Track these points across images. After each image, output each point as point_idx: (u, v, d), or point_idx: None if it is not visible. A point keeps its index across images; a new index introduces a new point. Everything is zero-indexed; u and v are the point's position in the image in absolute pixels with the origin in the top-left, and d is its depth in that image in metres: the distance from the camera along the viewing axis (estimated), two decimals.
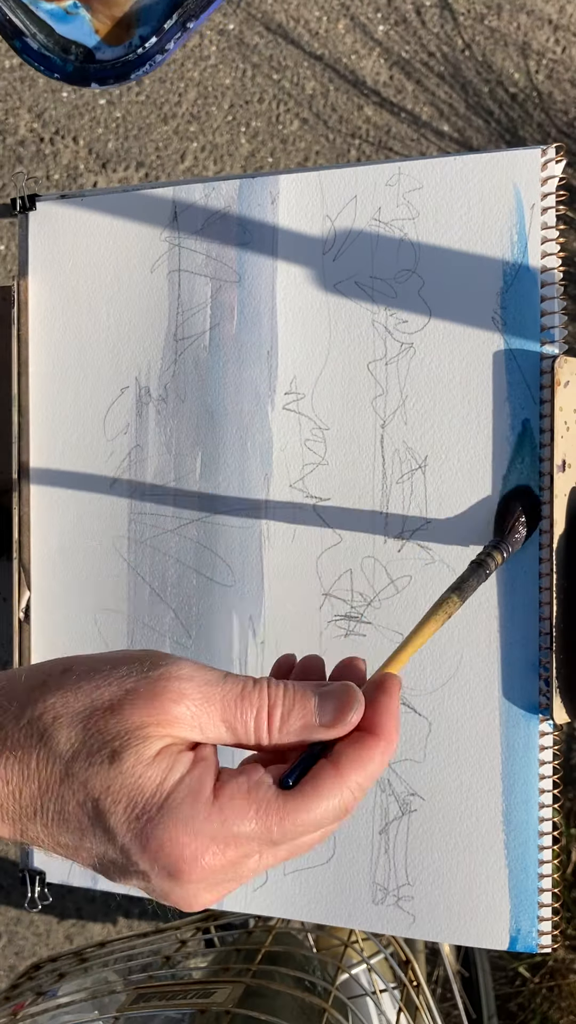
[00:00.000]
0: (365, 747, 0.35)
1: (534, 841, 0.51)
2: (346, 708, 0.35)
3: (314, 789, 0.33)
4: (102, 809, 0.32)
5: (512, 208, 0.52)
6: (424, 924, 0.53)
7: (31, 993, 0.60)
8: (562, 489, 0.51)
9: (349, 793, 0.34)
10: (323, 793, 0.33)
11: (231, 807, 0.32)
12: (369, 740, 0.35)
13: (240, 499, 0.58)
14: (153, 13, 0.41)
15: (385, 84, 1.44)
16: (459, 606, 0.43)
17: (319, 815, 0.33)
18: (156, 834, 0.32)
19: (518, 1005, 1.33)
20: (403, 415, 0.54)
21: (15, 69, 1.52)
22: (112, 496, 0.61)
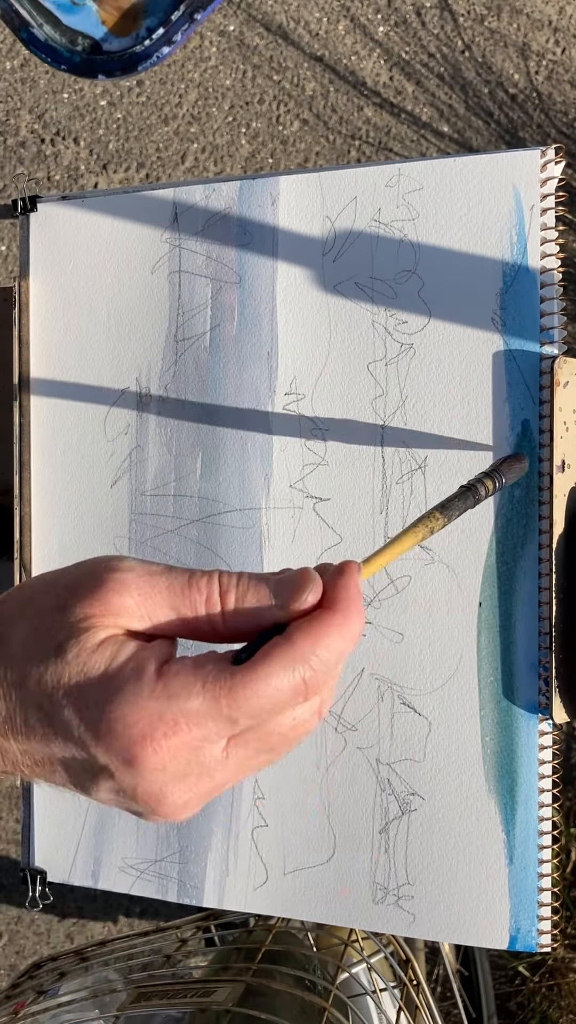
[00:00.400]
0: (320, 620, 0.33)
1: (534, 840, 0.51)
2: (302, 587, 0.33)
3: (264, 660, 0.32)
4: (55, 703, 0.32)
5: (512, 209, 0.52)
6: (424, 923, 0.54)
7: (32, 992, 0.61)
8: (561, 489, 0.51)
9: (306, 667, 0.32)
10: (274, 663, 0.32)
11: (176, 682, 0.32)
12: (324, 614, 0.33)
13: (240, 499, 0.58)
14: (160, 4, 0.41)
15: (385, 85, 1.44)
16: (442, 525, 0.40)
17: (273, 687, 0.31)
18: (104, 718, 0.31)
19: (518, 1004, 1.33)
20: (403, 415, 0.54)
21: (16, 70, 1.52)
22: (113, 496, 0.61)
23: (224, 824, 0.58)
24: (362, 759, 0.55)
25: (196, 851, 0.59)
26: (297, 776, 0.56)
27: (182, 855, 0.59)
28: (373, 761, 0.54)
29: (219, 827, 0.58)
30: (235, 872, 0.58)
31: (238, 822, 0.58)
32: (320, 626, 0.33)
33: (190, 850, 0.59)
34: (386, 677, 0.54)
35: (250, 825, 0.57)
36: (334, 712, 0.55)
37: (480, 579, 0.52)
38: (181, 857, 0.59)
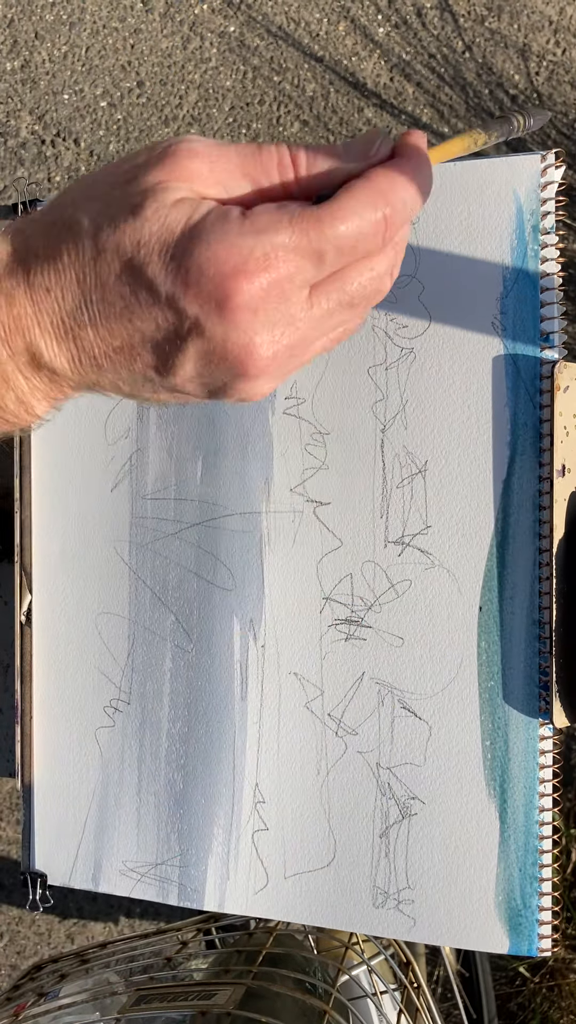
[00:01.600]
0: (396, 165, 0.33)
1: (534, 843, 0.51)
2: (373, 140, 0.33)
3: (347, 194, 0.32)
4: (138, 265, 0.31)
5: (512, 213, 0.52)
6: (424, 927, 0.54)
7: (33, 994, 0.61)
8: (562, 494, 0.51)
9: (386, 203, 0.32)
10: (357, 197, 0.32)
11: (263, 219, 0.31)
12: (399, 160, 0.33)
13: (240, 503, 0.58)
14: None
15: (386, 86, 1.44)
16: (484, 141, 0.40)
17: (358, 218, 0.31)
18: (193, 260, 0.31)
19: (518, 1005, 1.33)
20: (403, 420, 0.54)
21: (16, 71, 1.52)
22: (113, 500, 0.61)
23: (225, 828, 0.58)
24: (362, 763, 0.55)
25: (197, 854, 0.59)
26: (298, 780, 0.56)
27: (183, 858, 0.59)
28: (373, 765, 0.55)
29: (220, 830, 0.58)
30: (236, 876, 0.58)
31: (239, 826, 0.58)
32: (397, 169, 0.33)
33: (191, 853, 0.59)
34: (386, 681, 0.54)
35: (251, 829, 0.57)
36: (334, 716, 0.55)
37: (480, 583, 0.53)
38: (182, 860, 0.59)
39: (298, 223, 0.31)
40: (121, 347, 0.33)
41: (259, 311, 0.32)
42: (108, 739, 0.61)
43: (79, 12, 1.51)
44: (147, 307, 0.32)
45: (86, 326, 0.33)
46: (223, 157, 0.33)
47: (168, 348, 0.33)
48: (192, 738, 0.59)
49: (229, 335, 0.32)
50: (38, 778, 0.63)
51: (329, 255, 0.32)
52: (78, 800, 0.62)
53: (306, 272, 0.32)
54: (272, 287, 0.31)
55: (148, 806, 0.60)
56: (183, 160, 0.32)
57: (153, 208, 0.31)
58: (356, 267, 0.33)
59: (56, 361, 0.34)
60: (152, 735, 0.60)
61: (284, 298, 0.32)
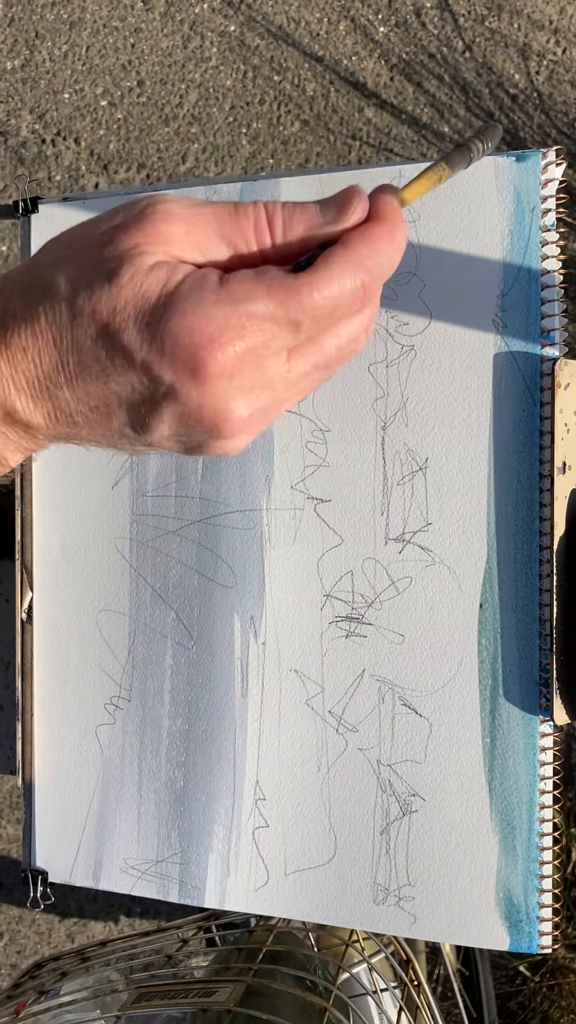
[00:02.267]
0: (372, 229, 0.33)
1: (535, 841, 0.51)
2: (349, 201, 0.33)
3: (326, 265, 0.32)
4: (114, 331, 0.32)
5: (512, 211, 0.52)
6: (425, 924, 0.54)
7: (33, 992, 0.61)
8: (562, 491, 0.51)
9: (364, 271, 0.32)
10: (335, 266, 0.32)
11: (240, 288, 0.31)
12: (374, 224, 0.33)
13: (241, 500, 0.58)
14: None
15: (386, 86, 1.44)
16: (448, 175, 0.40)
17: (336, 288, 0.32)
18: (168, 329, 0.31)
19: (518, 1004, 1.33)
20: (404, 417, 0.54)
21: (17, 70, 1.52)
22: (114, 497, 0.61)
23: (225, 825, 0.58)
24: (363, 760, 0.55)
25: (197, 852, 0.59)
26: (298, 777, 0.56)
27: (183, 856, 0.59)
28: (374, 762, 0.55)
29: (220, 828, 0.58)
30: (236, 873, 0.58)
31: (239, 823, 0.58)
32: (373, 234, 0.33)
33: (191, 851, 0.59)
34: (387, 678, 0.54)
35: (251, 826, 0.58)
36: (335, 713, 0.56)
37: (481, 581, 0.53)
38: (182, 858, 0.59)
39: (275, 293, 0.31)
40: (97, 406, 0.33)
41: (234, 378, 0.32)
42: (109, 736, 0.61)
43: (80, 11, 1.51)
44: (122, 371, 0.32)
45: (62, 386, 0.33)
46: (199, 219, 0.33)
47: (144, 410, 0.33)
48: (193, 735, 0.59)
49: (204, 401, 0.32)
50: (39, 775, 0.63)
51: (305, 324, 0.32)
52: (79, 797, 0.62)
53: (283, 339, 0.32)
54: (247, 354, 0.32)
55: (149, 803, 0.60)
56: (159, 223, 0.32)
57: (129, 274, 0.32)
58: (333, 331, 0.34)
59: (32, 417, 0.34)
60: (153, 732, 0.60)
61: (259, 364, 0.32)
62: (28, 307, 0.33)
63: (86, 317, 0.32)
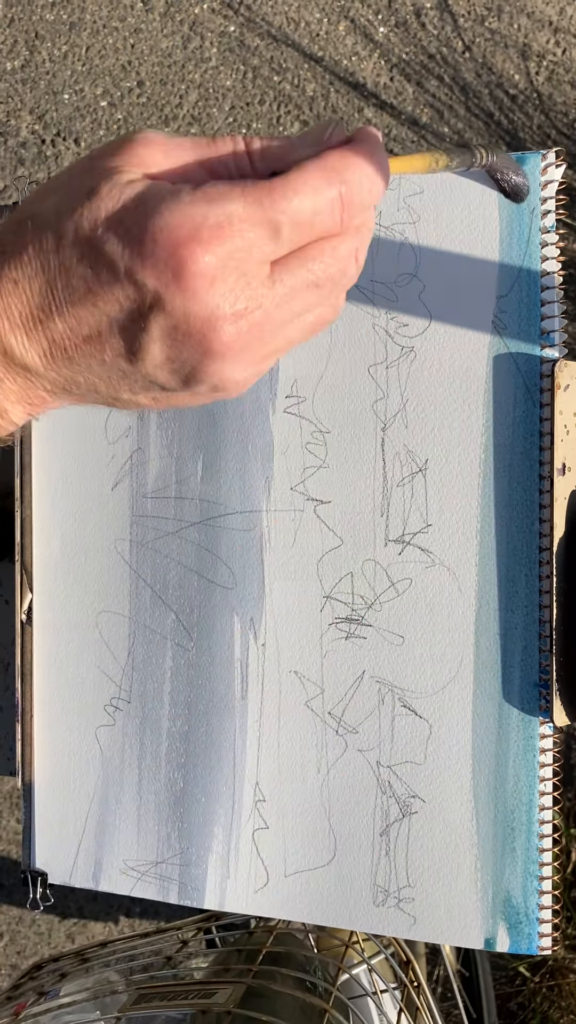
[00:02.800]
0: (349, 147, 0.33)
1: (534, 842, 0.51)
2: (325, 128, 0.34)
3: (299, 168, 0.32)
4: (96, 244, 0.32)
5: (512, 212, 0.52)
6: (425, 925, 0.54)
7: (33, 993, 0.61)
8: (562, 492, 0.51)
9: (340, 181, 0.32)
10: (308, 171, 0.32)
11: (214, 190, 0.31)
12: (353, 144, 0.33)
13: (241, 502, 0.58)
14: None
15: (385, 86, 1.44)
16: (444, 164, 0.41)
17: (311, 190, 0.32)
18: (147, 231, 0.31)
19: (518, 1004, 1.33)
20: (404, 418, 0.54)
21: (17, 71, 1.52)
22: (114, 499, 0.61)
23: (225, 826, 0.58)
24: (363, 762, 0.55)
25: (197, 853, 0.59)
26: (298, 779, 0.56)
27: (183, 857, 0.59)
28: (374, 763, 0.55)
29: (220, 829, 0.58)
30: (236, 874, 0.58)
31: (239, 824, 0.58)
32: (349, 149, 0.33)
33: (191, 852, 0.59)
34: (387, 680, 0.54)
35: (251, 827, 0.58)
36: (334, 715, 0.56)
37: (481, 582, 0.53)
38: (182, 859, 0.59)
39: (251, 192, 0.31)
40: (90, 335, 0.33)
41: (216, 280, 0.31)
42: (108, 738, 0.61)
43: (79, 12, 1.51)
44: (108, 286, 0.32)
45: (54, 315, 0.33)
46: (178, 146, 0.33)
47: (133, 329, 0.33)
48: (192, 737, 0.59)
49: (188, 307, 0.32)
50: (38, 777, 0.63)
51: (285, 228, 0.32)
52: (78, 799, 0.62)
53: (263, 245, 0.32)
54: (229, 257, 0.31)
55: (148, 805, 0.60)
56: (138, 147, 0.33)
57: (107, 188, 0.32)
58: (317, 246, 0.33)
59: (28, 356, 0.34)
60: (152, 734, 0.60)
61: (242, 271, 0.32)
62: (16, 240, 0.33)
63: (69, 236, 0.32)
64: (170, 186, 0.32)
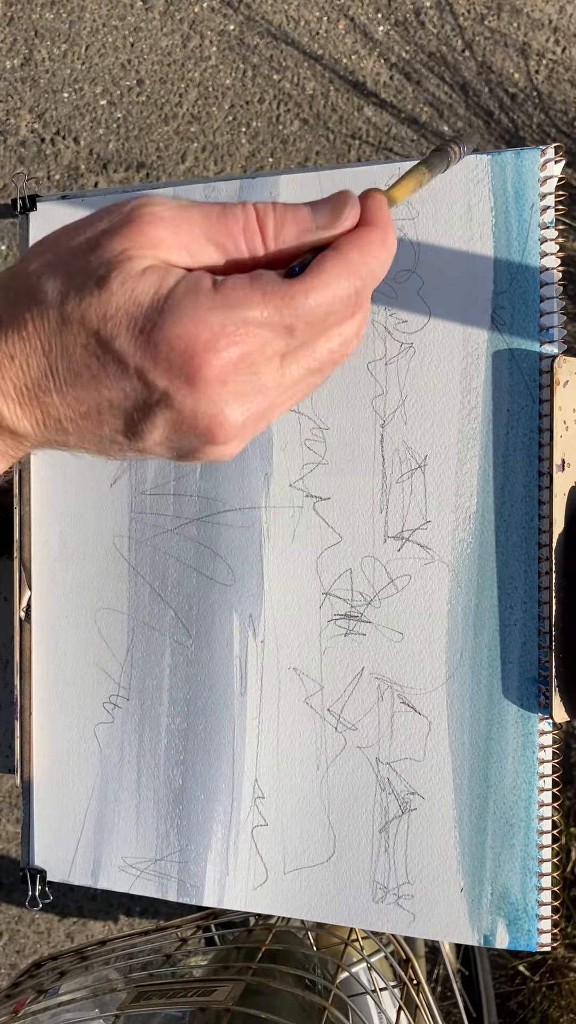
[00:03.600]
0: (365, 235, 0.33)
1: (534, 840, 0.51)
2: (342, 205, 0.33)
3: (319, 269, 0.32)
4: (105, 338, 0.31)
5: (512, 208, 0.52)
6: (424, 922, 0.54)
7: (32, 991, 0.61)
8: (561, 488, 0.51)
9: (357, 277, 0.32)
10: (329, 272, 0.32)
11: (235, 294, 0.31)
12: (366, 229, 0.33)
13: (240, 498, 0.58)
14: None
15: (385, 85, 1.44)
16: (428, 179, 0.41)
17: (331, 294, 0.32)
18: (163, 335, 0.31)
19: (518, 1003, 1.33)
20: (403, 415, 0.54)
21: (16, 69, 1.52)
22: (113, 495, 0.61)
23: (224, 823, 0.58)
24: (362, 758, 0.55)
25: (196, 850, 0.59)
26: (297, 775, 0.56)
27: (182, 854, 0.59)
28: (373, 760, 0.55)
29: (219, 826, 0.58)
30: (235, 871, 0.58)
31: (238, 821, 0.58)
32: (366, 238, 0.33)
33: (190, 849, 0.59)
34: (386, 676, 0.54)
35: (250, 824, 0.57)
36: (334, 711, 0.55)
37: (480, 578, 0.52)
38: (181, 856, 0.59)
39: (271, 299, 0.31)
40: (88, 413, 0.33)
41: (229, 383, 0.32)
42: (107, 735, 0.61)
43: (79, 10, 1.51)
44: (115, 378, 0.32)
45: (52, 393, 0.33)
46: (187, 222, 0.32)
47: (136, 416, 0.33)
48: (191, 734, 0.59)
49: (199, 407, 0.32)
50: (37, 774, 0.63)
51: (300, 329, 0.32)
52: (77, 796, 0.62)
53: (276, 345, 0.32)
54: (242, 360, 0.31)
55: (147, 802, 0.60)
56: (146, 227, 0.32)
57: (119, 280, 0.31)
58: (326, 336, 0.34)
59: (19, 424, 0.34)
60: (151, 731, 0.60)
61: (254, 370, 0.32)
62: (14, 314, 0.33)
63: (75, 324, 0.32)
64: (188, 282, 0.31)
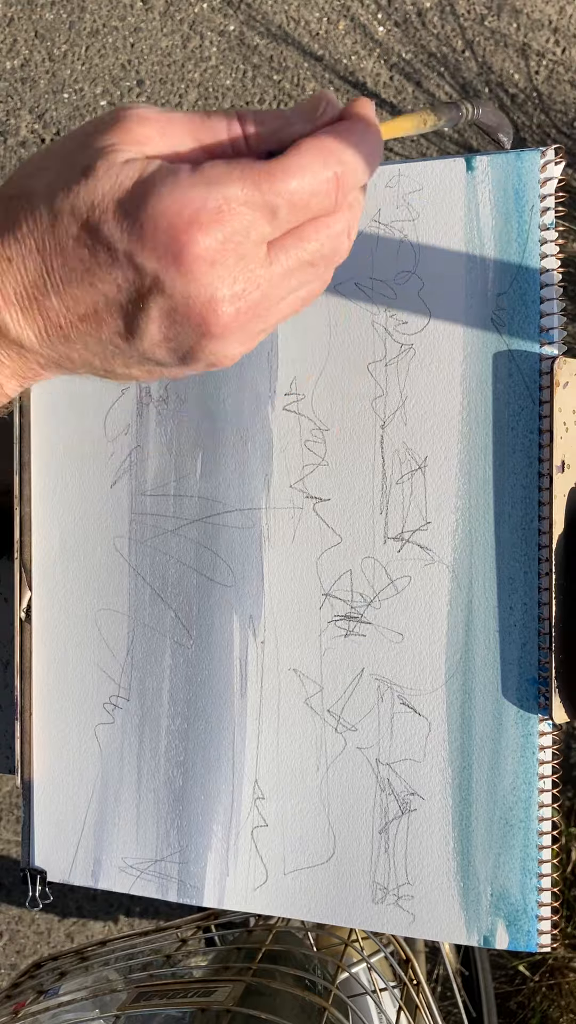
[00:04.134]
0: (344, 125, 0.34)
1: (534, 840, 0.51)
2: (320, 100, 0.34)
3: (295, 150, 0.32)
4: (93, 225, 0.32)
5: (512, 209, 0.52)
6: (424, 923, 0.54)
7: (32, 991, 0.61)
8: (561, 490, 0.51)
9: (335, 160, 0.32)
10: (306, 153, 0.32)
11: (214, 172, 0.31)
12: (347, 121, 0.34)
13: (240, 499, 0.58)
14: None
15: (385, 85, 1.44)
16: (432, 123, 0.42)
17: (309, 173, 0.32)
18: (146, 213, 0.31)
19: (518, 1003, 1.33)
20: (403, 416, 0.54)
21: (16, 70, 1.52)
22: (113, 496, 0.61)
23: (224, 824, 0.58)
24: (362, 759, 0.55)
25: (196, 851, 0.59)
26: (297, 776, 0.56)
27: (182, 855, 0.59)
28: (373, 761, 0.55)
29: (219, 827, 0.58)
30: (235, 872, 0.58)
31: (238, 822, 0.58)
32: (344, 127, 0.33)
33: (190, 850, 0.59)
34: (386, 677, 0.54)
35: (250, 825, 0.57)
36: (333, 712, 0.55)
37: (480, 579, 0.53)
38: (181, 857, 0.59)
39: (249, 176, 0.32)
40: (86, 314, 0.33)
41: (216, 264, 0.32)
42: (107, 736, 0.61)
43: (79, 11, 1.51)
44: (107, 267, 0.32)
45: (50, 294, 0.33)
46: (173, 122, 0.33)
47: (131, 309, 0.33)
48: (191, 734, 0.59)
49: (189, 290, 0.32)
50: (38, 775, 0.63)
51: (282, 210, 0.32)
52: (77, 797, 0.62)
53: (261, 227, 0.32)
54: (228, 240, 0.32)
55: (147, 802, 0.60)
56: (133, 125, 0.33)
57: (104, 167, 0.32)
58: (312, 225, 0.34)
59: (23, 334, 0.34)
60: (151, 731, 0.60)
61: (241, 253, 0.32)
62: (8, 217, 0.33)
63: (65, 216, 0.32)
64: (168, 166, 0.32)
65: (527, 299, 0.51)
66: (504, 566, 0.52)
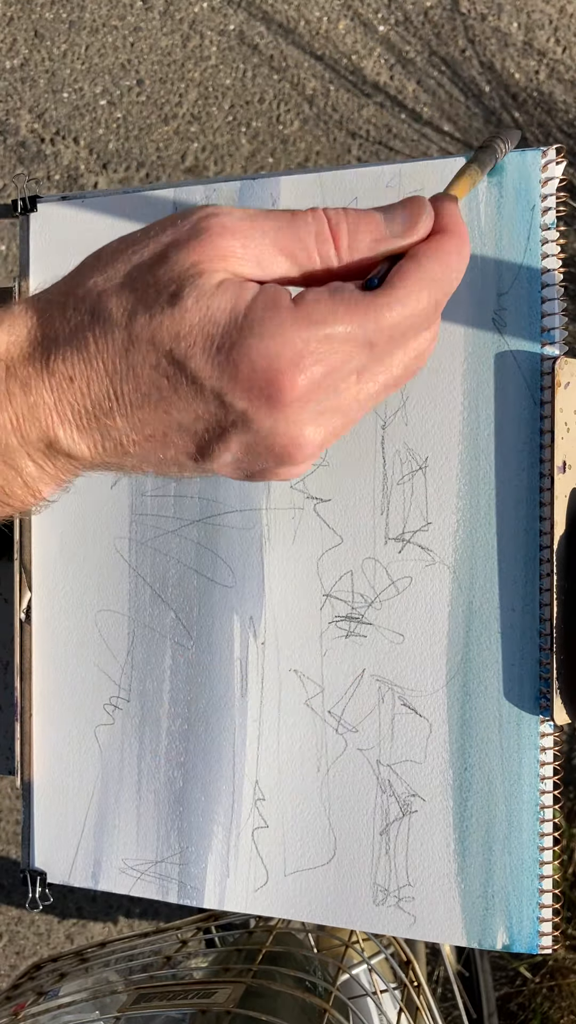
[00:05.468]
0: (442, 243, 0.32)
1: (535, 841, 0.51)
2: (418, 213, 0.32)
3: (401, 281, 0.30)
4: (179, 358, 0.30)
5: (513, 208, 0.52)
6: (425, 925, 0.54)
7: (32, 993, 0.61)
8: (562, 490, 0.51)
9: (438, 289, 0.31)
10: (411, 284, 0.30)
11: (317, 310, 0.29)
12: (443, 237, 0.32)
13: (241, 500, 0.58)
14: None
15: (386, 84, 1.44)
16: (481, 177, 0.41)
17: (412, 307, 0.30)
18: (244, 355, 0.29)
19: (518, 1005, 1.33)
20: (404, 416, 0.54)
21: (16, 69, 1.52)
22: (113, 497, 0.61)
23: (224, 825, 0.58)
24: (363, 760, 0.55)
25: (196, 852, 0.59)
26: (298, 777, 0.56)
27: (182, 856, 0.59)
28: (374, 762, 0.54)
29: (219, 828, 0.58)
30: (235, 873, 0.58)
31: (238, 823, 0.58)
32: (444, 248, 0.32)
33: (190, 851, 0.59)
34: (387, 678, 0.54)
35: (251, 826, 0.57)
36: (334, 713, 0.55)
37: (481, 580, 0.52)
38: (181, 858, 0.59)
39: (354, 314, 0.30)
40: (153, 435, 0.32)
41: (310, 402, 0.30)
42: (108, 737, 0.61)
43: (79, 10, 1.51)
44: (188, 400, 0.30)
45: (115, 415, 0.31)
46: (257, 232, 0.31)
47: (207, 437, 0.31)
48: (192, 735, 0.59)
49: (278, 427, 0.30)
50: (38, 776, 0.63)
51: (380, 343, 0.31)
52: (78, 798, 0.62)
53: (357, 360, 0.31)
54: (325, 378, 0.30)
55: (148, 804, 0.60)
56: (216, 239, 0.30)
57: (193, 296, 0.30)
58: (403, 349, 0.32)
59: (76, 448, 0.32)
60: (152, 732, 0.60)
61: (335, 388, 0.31)
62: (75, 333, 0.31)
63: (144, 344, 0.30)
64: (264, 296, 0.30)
65: (528, 299, 0.51)
66: (505, 567, 0.52)
